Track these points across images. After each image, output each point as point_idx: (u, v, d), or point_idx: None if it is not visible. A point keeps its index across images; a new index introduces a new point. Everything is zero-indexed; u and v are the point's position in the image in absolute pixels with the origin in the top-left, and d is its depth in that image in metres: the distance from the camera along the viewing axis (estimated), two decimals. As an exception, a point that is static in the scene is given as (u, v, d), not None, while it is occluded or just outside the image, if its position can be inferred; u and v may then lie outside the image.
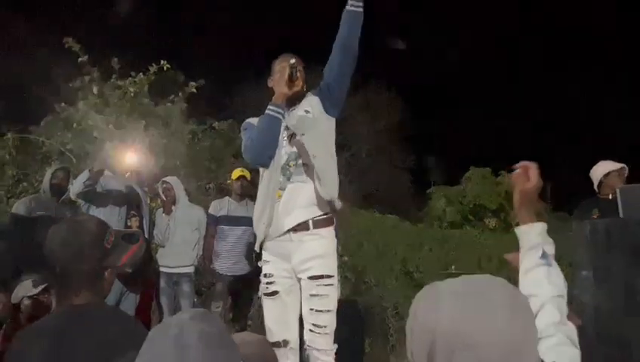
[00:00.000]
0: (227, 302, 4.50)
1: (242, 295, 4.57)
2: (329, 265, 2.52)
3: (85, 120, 7.63)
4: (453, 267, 5.57)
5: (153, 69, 7.86)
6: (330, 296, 2.51)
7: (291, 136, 2.60)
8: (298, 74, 2.62)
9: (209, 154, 8.45)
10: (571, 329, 1.17)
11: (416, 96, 19.90)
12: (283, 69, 2.61)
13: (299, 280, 2.55)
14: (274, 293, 2.54)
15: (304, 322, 2.54)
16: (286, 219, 2.52)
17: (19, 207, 3.94)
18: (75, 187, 3.52)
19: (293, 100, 2.66)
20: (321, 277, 2.48)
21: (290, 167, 2.57)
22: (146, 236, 3.83)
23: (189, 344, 0.85)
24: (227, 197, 4.77)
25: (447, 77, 21.88)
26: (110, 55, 7.73)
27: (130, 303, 3.65)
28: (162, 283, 4.41)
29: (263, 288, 2.59)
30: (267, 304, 2.58)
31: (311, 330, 2.50)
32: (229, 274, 4.46)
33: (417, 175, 17.03)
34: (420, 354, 0.89)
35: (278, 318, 2.55)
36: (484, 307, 0.87)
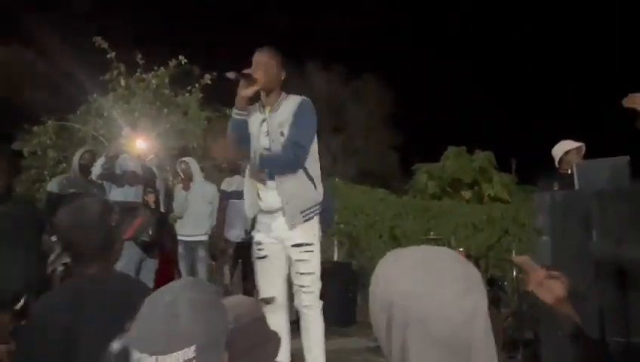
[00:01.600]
0: (237, 264, 4.50)
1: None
2: (308, 234, 2.53)
3: (114, 109, 7.57)
4: (432, 233, 5.55)
5: (173, 63, 7.78)
6: (311, 260, 2.53)
7: (268, 134, 2.52)
8: (242, 79, 2.45)
9: (222, 138, 8.37)
10: None
11: (403, 84, 19.72)
12: (252, 86, 2.47)
13: (284, 247, 2.55)
14: (264, 257, 2.57)
15: (292, 283, 2.57)
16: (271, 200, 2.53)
17: (53, 186, 3.91)
18: (96, 170, 3.50)
19: (271, 97, 2.55)
20: (301, 245, 2.50)
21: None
22: (162, 209, 3.79)
23: (180, 312, 0.81)
24: (237, 175, 4.74)
25: (428, 67, 21.64)
26: (135, 51, 7.65)
27: (149, 268, 3.63)
28: (180, 249, 4.40)
29: (255, 253, 2.61)
30: (258, 266, 2.60)
31: (297, 290, 2.54)
32: (238, 241, 4.45)
33: (404, 153, 16.96)
34: (380, 323, 0.80)
35: (266, 278, 2.57)
36: (437, 281, 0.77)
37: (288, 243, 2.51)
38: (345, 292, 5.39)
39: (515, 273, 4.25)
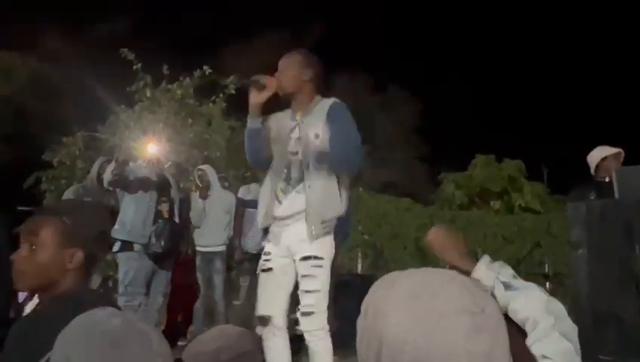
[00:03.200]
0: (253, 276, 4.38)
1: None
2: (319, 247, 2.27)
3: (140, 120, 7.65)
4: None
5: (197, 73, 7.83)
6: (317, 277, 2.25)
7: (299, 139, 2.31)
8: (253, 86, 2.28)
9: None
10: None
11: (429, 92, 19.45)
12: (263, 92, 2.30)
13: (294, 261, 2.31)
14: (269, 270, 2.32)
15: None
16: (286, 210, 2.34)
17: (68, 194, 3.90)
18: (106, 176, 3.43)
19: (300, 100, 2.33)
20: (311, 258, 2.25)
21: (292, 171, 2.31)
22: (176, 219, 3.71)
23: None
24: (254, 183, 4.64)
25: (454, 75, 21.31)
26: (160, 62, 7.73)
27: (161, 280, 3.55)
28: (198, 261, 4.32)
29: (260, 264, 2.37)
30: (261, 279, 2.35)
31: (299, 310, 2.26)
32: (255, 251, 4.34)
33: (429, 163, 16.67)
34: (367, 357, 0.64)
35: (268, 293, 2.31)
36: (439, 316, 0.60)
37: (298, 256, 2.27)
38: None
39: (548, 286, 3.99)
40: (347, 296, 4.96)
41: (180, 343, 4.04)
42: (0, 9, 10.47)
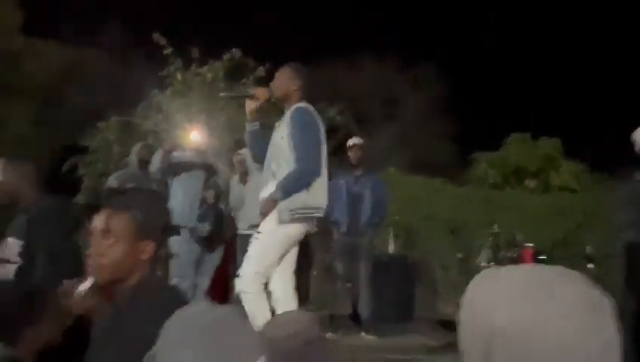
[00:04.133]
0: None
1: (306, 252, 4.51)
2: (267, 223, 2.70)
3: (172, 103, 7.77)
4: (496, 226, 5.23)
5: (227, 56, 7.87)
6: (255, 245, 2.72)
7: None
8: (248, 102, 2.82)
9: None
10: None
11: (459, 69, 18.95)
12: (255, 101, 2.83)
13: None
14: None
15: None
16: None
17: (112, 181, 4.03)
18: (154, 165, 3.55)
19: (286, 108, 2.81)
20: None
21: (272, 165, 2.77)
22: (221, 205, 3.80)
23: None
24: None
25: (486, 49, 20.64)
26: (191, 46, 7.80)
27: (209, 263, 3.66)
28: (238, 244, 4.39)
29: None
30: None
31: None
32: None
33: (461, 142, 16.33)
34: (473, 351, 0.64)
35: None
36: (556, 309, 0.60)
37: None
38: (402, 287, 5.24)
39: (591, 268, 3.92)
40: (381, 275, 5.03)
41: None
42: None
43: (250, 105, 2.79)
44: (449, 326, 5.11)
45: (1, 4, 10.33)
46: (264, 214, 2.68)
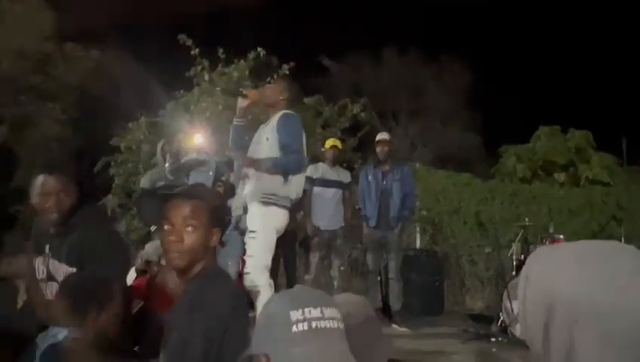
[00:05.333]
0: (323, 252, 4.55)
1: (335, 246, 4.61)
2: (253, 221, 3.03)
3: (199, 103, 7.95)
4: (527, 219, 5.21)
5: (252, 55, 8.00)
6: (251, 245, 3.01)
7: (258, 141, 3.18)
8: (240, 99, 3.20)
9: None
10: None
11: (484, 61, 18.66)
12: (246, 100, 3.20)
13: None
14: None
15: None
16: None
17: (144, 182, 4.20)
18: (167, 167, 3.75)
19: (269, 113, 3.19)
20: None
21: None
22: (229, 201, 3.96)
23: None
24: (321, 163, 4.79)
25: (512, 39, 20.23)
26: (216, 46, 7.96)
27: (232, 252, 3.82)
28: None
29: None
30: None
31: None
32: (323, 229, 4.50)
33: (488, 136, 16.11)
34: (535, 321, 0.67)
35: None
36: (614, 273, 0.63)
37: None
38: (430, 280, 5.28)
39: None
40: (409, 269, 5.07)
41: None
42: (64, 2, 11.08)
43: (241, 103, 3.15)
44: (478, 319, 5.13)
45: (33, 9, 10.70)
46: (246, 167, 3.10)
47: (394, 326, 4.39)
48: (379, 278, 4.65)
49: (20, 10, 10.56)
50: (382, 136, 4.75)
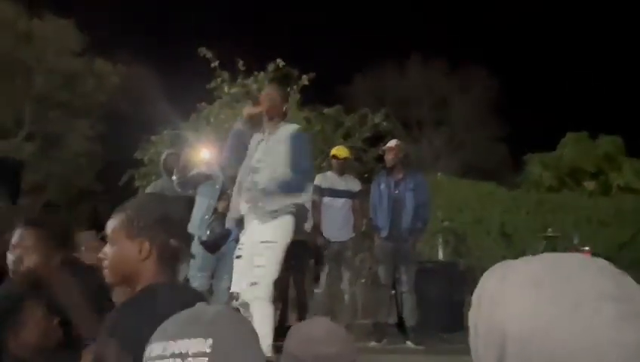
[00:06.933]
0: (332, 264, 4.42)
1: (345, 258, 4.47)
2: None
3: (219, 115, 7.98)
4: (550, 229, 4.98)
5: (271, 67, 7.99)
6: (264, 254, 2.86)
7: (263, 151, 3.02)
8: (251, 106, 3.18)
9: (321, 136, 8.46)
10: None
11: (509, 68, 18.32)
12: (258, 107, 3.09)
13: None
14: (239, 256, 2.92)
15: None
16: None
17: (149, 190, 4.19)
18: (175, 179, 3.73)
19: (272, 123, 3.03)
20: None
21: (257, 168, 2.98)
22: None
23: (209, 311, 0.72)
24: (330, 172, 4.69)
25: (537, 44, 19.78)
26: (236, 58, 7.98)
27: (224, 264, 3.78)
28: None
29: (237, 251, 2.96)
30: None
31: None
32: (333, 240, 4.38)
33: (513, 144, 15.74)
34: (487, 358, 0.56)
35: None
36: (576, 300, 0.51)
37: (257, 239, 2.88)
38: (451, 294, 5.06)
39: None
40: (430, 282, 4.89)
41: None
42: (94, 20, 11.41)
43: (252, 110, 3.08)
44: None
45: (63, 28, 11.02)
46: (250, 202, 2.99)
47: (408, 343, 4.21)
48: (393, 292, 4.47)
49: (51, 28, 10.90)
50: (390, 143, 4.61)
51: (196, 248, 3.71)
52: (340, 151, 4.66)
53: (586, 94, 17.88)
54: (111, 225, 1.26)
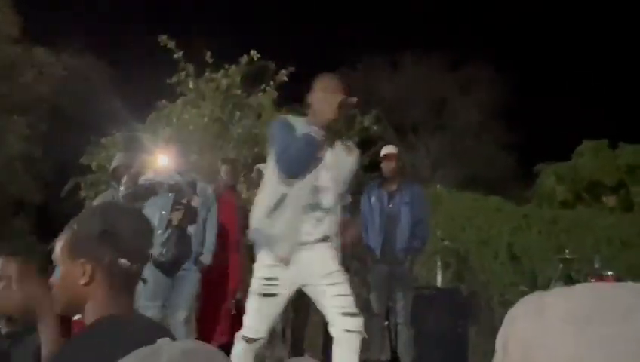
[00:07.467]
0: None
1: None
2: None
3: (183, 115, 7.89)
4: (567, 251, 5.00)
5: (244, 60, 7.94)
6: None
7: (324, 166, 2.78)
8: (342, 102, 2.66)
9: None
10: None
11: (518, 69, 18.63)
12: (335, 100, 2.62)
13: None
14: (274, 295, 2.72)
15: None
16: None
17: (100, 200, 4.13)
18: (122, 191, 3.66)
19: (333, 131, 2.75)
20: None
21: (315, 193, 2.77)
22: (190, 227, 3.85)
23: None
24: None
25: (549, 45, 20.19)
26: (204, 49, 7.91)
27: (179, 292, 3.71)
28: None
29: (260, 288, 2.72)
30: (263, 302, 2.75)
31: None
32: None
33: (522, 153, 15.96)
34: None
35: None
36: (634, 341, 0.48)
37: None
38: (453, 325, 5.04)
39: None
40: (428, 311, 4.87)
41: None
42: (34, 4, 11.26)
43: (349, 101, 2.68)
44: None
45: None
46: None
47: (402, 384, 4.17)
48: (386, 323, 4.44)
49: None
50: (388, 149, 4.60)
51: (146, 271, 3.61)
52: None
53: (606, 97, 18.27)
54: (58, 244, 1.20)
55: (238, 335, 2.74)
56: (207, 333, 4.32)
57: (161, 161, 3.87)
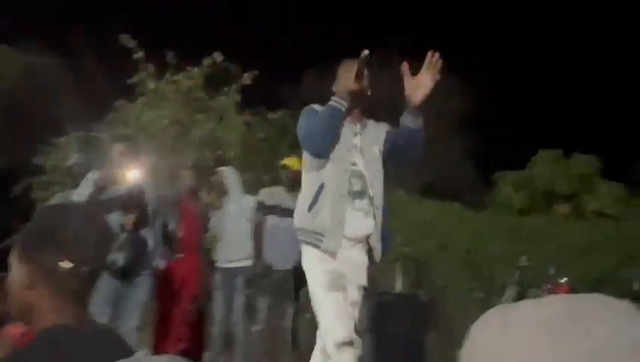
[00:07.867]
0: (275, 298, 4.32)
1: (289, 290, 4.39)
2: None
3: (142, 116, 7.74)
4: (524, 258, 5.11)
5: (207, 62, 7.84)
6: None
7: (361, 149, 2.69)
8: (366, 71, 2.64)
9: (265, 145, 8.39)
10: None
11: (477, 74, 19.04)
12: (351, 67, 2.63)
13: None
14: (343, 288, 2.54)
15: None
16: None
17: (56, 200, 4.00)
18: (80, 194, 3.52)
19: (366, 110, 2.76)
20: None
21: (354, 179, 2.64)
22: (144, 232, 3.76)
23: None
24: (276, 187, 4.63)
25: (508, 51, 20.71)
26: (165, 50, 7.78)
27: (130, 299, 3.61)
28: (217, 278, 4.36)
29: (326, 284, 2.50)
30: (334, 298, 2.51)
31: None
32: (280, 268, 4.30)
33: (481, 161, 16.31)
34: None
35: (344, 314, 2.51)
36: (596, 353, 0.47)
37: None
38: (411, 332, 5.08)
39: None
40: (386, 318, 4.88)
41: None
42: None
43: (355, 83, 2.61)
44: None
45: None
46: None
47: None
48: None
49: None
50: None
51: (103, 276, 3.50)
52: (293, 161, 4.58)
53: (561, 108, 18.86)
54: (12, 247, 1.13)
55: (319, 348, 2.52)
56: (164, 340, 4.23)
57: (133, 176, 3.75)
